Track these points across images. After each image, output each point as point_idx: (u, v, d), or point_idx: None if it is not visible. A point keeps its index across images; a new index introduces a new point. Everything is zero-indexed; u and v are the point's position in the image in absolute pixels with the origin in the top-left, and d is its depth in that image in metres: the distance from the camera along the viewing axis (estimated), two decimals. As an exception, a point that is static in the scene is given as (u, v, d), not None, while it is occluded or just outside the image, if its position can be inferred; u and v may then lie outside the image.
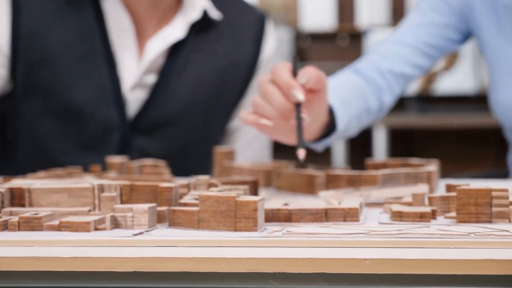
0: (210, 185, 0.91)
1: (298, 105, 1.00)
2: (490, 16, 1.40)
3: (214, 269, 0.67)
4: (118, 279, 0.69)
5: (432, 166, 1.09)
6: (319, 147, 1.26)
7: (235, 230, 0.76)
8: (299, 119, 1.00)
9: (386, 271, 0.66)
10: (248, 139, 1.63)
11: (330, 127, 1.19)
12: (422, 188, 0.99)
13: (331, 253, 0.68)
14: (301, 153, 0.98)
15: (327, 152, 4.15)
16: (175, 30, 1.50)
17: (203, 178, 0.91)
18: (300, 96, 1.00)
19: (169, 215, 0.80)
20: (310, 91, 1.04)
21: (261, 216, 0.77)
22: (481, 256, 0.66)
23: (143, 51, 1.50)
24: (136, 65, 1.49)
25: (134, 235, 0.75)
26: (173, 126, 1.50)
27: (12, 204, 0.87)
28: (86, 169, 1.28)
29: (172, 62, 1.51)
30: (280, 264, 0.67)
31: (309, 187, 1.05)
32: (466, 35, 1.45)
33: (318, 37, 4.45)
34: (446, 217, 0.83)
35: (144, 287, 0.69)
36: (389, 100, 1.39)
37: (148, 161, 1.21)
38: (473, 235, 0.72)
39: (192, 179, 0.92)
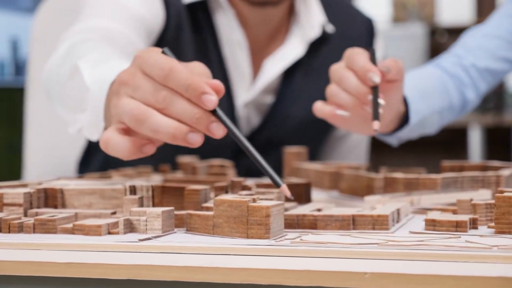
0: (244, 188, 0.87)
1: (375, 88, 0.97)
2: None
3: (206, 279, 0.64)
4: (113, 286, 0.67)
5: (506, 170, 1.01)
6: (393, 140, 1.21)
7: (247, 237, 0.71)
8: (375, 100, 0.97)
9: (386, 286, 0.60)
10: (350, 145, 1.59)
11: (405, 120, 1.14)
12: (483, 194, 0.91)
13: (332, 265, 0.62)
14: (376, 124, 0.94)
15: (464, 154, 4.00)
16: (293, 48, 1.45)
17: (238, 180, 0.87)
18: (376, 78, 0.96)
19: (186, 219, 0.77)
20: (388, 82, 1.00)
21: (277, 223, 0.72)
22: (494, 273, 0.58)
23: (260, 70, 1.45)
24: (249, 83, 1.44)
25: (140, 240, 0.72)
26: (284, 144, 1.42)
27: (46, 204, 0.86)
28: (156, 169, 1.27)
29: (289, 82, 1.46)
30: (276, 276, 0.62)
31: (368, 190, 0.99)
32: None
33: (456, 32, 4.27)
34: (489, 227, 0.75)
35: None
36: (472, 96, 1.30)
37: (216, 161, 1.19)
38: (496, 249, 0.64)
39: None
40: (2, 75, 5.46)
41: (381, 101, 0.97)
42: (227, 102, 1.42)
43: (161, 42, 1.38)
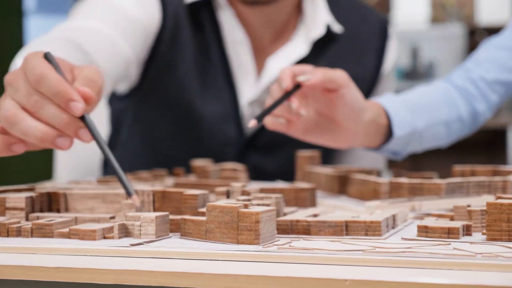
0: (244, 193, 0.87)
1: (286, 94, 1.03)
2: None
3: (191, 284, 0.64)
4: (103, 291, 0.68)
5: (514, 175, 1.00)
6: (389, 154, 1.21)
7: (238, 242, 0.72)
8: (277, 101, 1.02)
9: (366, 294, 0.60)
10: (362, 151, 1.57)
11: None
12: (486, 200, 0.90)
13: (315, 272, 0.62)
14: (252, 122, 0.97)
15: (503, 155, 3.95)
16: (297, 47, 1.45)
17: (237, 185, 0.88)
18: (283, 85, 1.02)
19: (181, 224, 0.77)
20: (328, 91, 1.05)
21: (267, 229, 0.72)
22: (476, 281, 0.58)
23: (263, 68, 1.46)
24: (253, 81, 1.44)
25: (132, 245, 0.73)
26: (291, 144, 1.42)
27: (50, 208, 0.88)
28: (171, 173, 1.28)
29: None
30: (259, 282, 0.63)
31: (375, 195, 0.99)
32: None
33: (495, 32, 4.23)
34: (483, 233, 0.75)
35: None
36: (482, 108, 1.30)
37: (228, 165, 1.19)
38: (480, 256, 0.64)
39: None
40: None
41: (293, 104, 1.03)
42: (231, 100, 1.43)
43: (159, 42, 1.39)
